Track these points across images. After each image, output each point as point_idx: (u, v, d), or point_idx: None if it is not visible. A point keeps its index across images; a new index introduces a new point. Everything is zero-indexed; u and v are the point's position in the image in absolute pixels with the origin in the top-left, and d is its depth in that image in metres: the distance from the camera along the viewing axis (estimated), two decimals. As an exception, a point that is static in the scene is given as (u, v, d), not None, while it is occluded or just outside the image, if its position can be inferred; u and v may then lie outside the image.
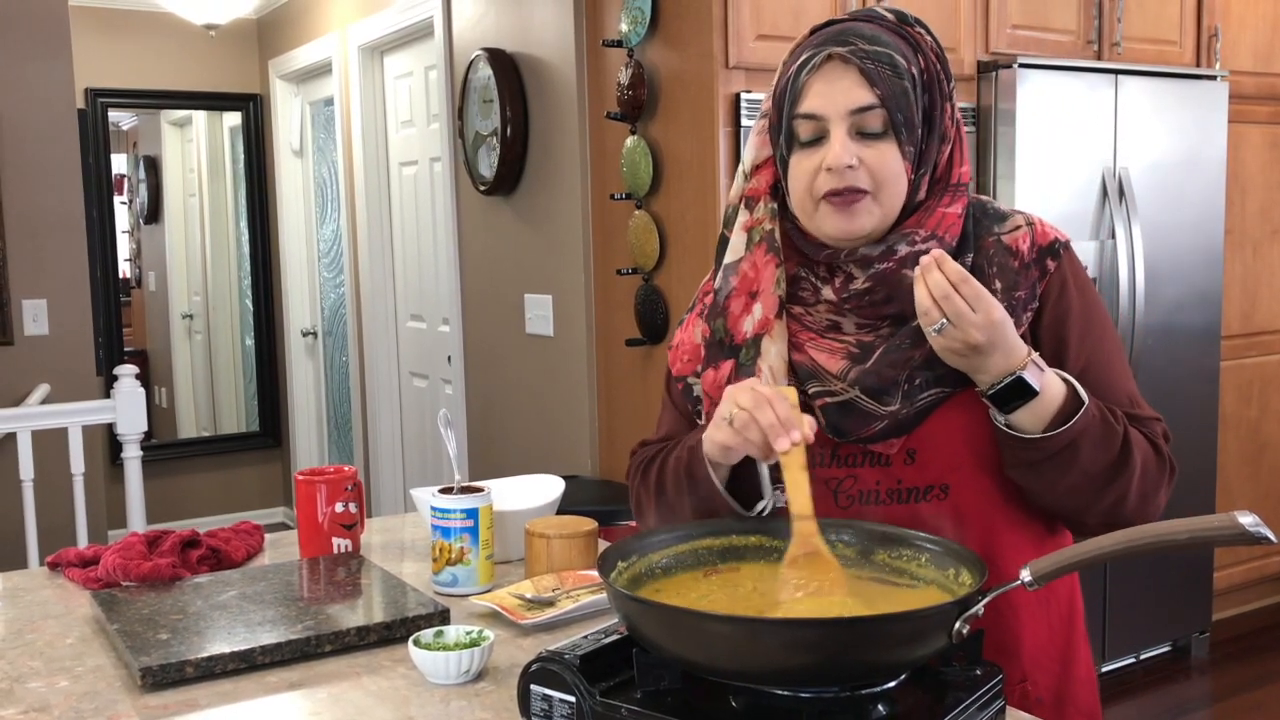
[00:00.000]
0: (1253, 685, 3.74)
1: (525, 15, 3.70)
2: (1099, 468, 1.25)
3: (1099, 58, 3.60)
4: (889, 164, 1.26)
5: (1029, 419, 1.23)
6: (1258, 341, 4.16)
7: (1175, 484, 1.34)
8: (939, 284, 1.17)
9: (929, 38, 1.30)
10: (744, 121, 2.98)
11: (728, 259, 1.38)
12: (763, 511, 1.31)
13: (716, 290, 1.38)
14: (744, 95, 2.98)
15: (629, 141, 3.25)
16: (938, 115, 1.29)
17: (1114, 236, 3.51)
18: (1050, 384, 1.22)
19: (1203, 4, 3.83)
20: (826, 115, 1.26)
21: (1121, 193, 3.53)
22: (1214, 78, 3.75)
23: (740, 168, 1.38)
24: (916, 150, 1.28)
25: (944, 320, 1.17)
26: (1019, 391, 1.21)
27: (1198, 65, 3.83)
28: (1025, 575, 1.07)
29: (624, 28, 3.21)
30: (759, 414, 1.18)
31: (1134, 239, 3.52)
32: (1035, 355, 1.21)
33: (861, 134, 1.26)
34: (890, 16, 1.30)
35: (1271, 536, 0.99)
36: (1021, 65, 3.30)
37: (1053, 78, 3.37)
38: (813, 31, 1.32)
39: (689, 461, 1.32)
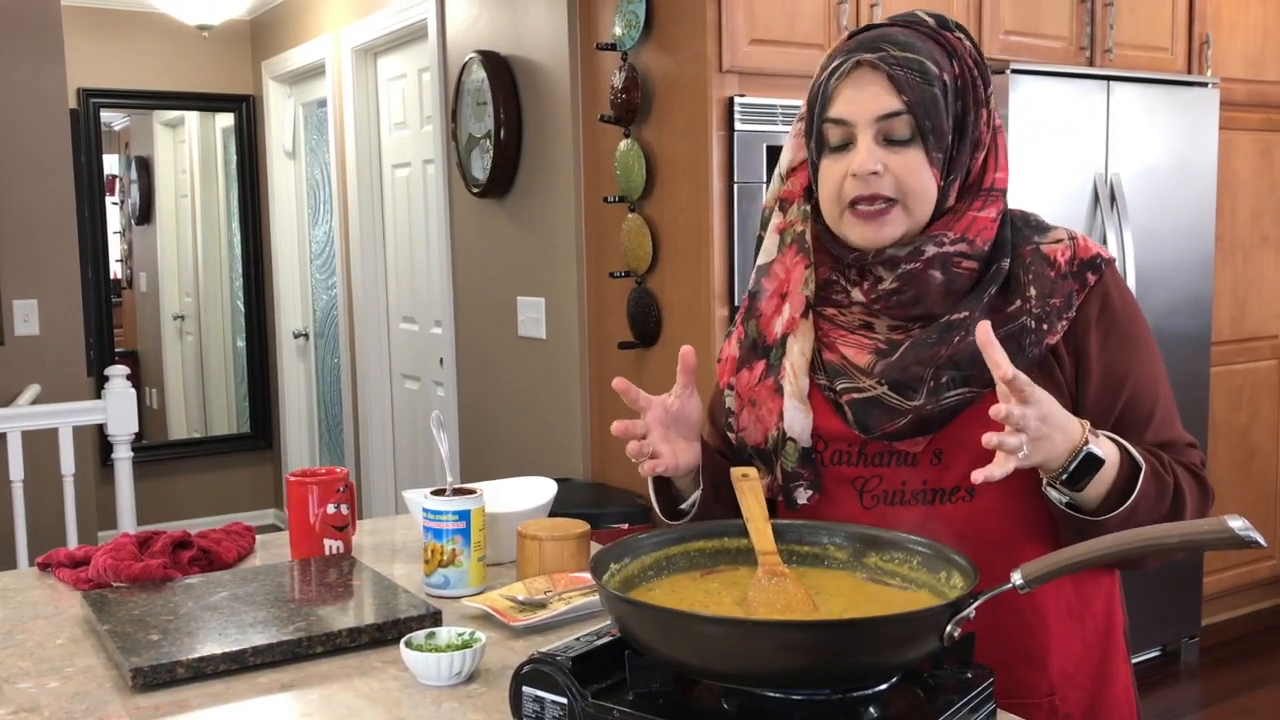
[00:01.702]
0: (1242, 690, 3.75)
1: (519, 18, 3.70)
2: (1153, 521, 1.21)
3: (1091, 64, 3.61)
4: (915, 171, 1.26)
5: (1091, 489, 1.18)
6: (1248, 348, 4.17)
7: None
8: (1022, 418, 1.10)
9: (967, 43, 1.30)
10: (738, 125, 2.99)
11: (760, 260, 1.40)
12: (686, 513, 1.39)
13: (751, 293, 1.40)
14: (737, 99, 2.99)
15: (622, 145, 3.25)
16: (970, 121, 1.28)
17: (1105, 242, 3.52)
18: (1108, 449, 1.18)
19: (1194, 11, 3.84)
20: (853, 120, 1.27)
21: (1113, 198, 3.54)
22: (1205, 84, 3.76)
23: (777, 170, 1.40)
24: (946, 157, 1.27)
25: (1025, 448, 1.11)
26: (1089, 466, 1.16)
27: (1189, 72, 3.85)
28: (1016, 578, 1.07)
29: (618, 31, 3.21)
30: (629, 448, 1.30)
31: (1125, 245, 3.54)
32: (1086, 424, 1.17)
33: (889, 140, 1.26)
34: (930, 21, 1.30)
35: (1261, 541, 0.99)
36: (1014, 71, 3.31)
37: (1045, 84, 3.38)
38: (850, 37, 1.32)
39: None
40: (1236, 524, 0.99)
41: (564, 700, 1.09)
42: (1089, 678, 1.35)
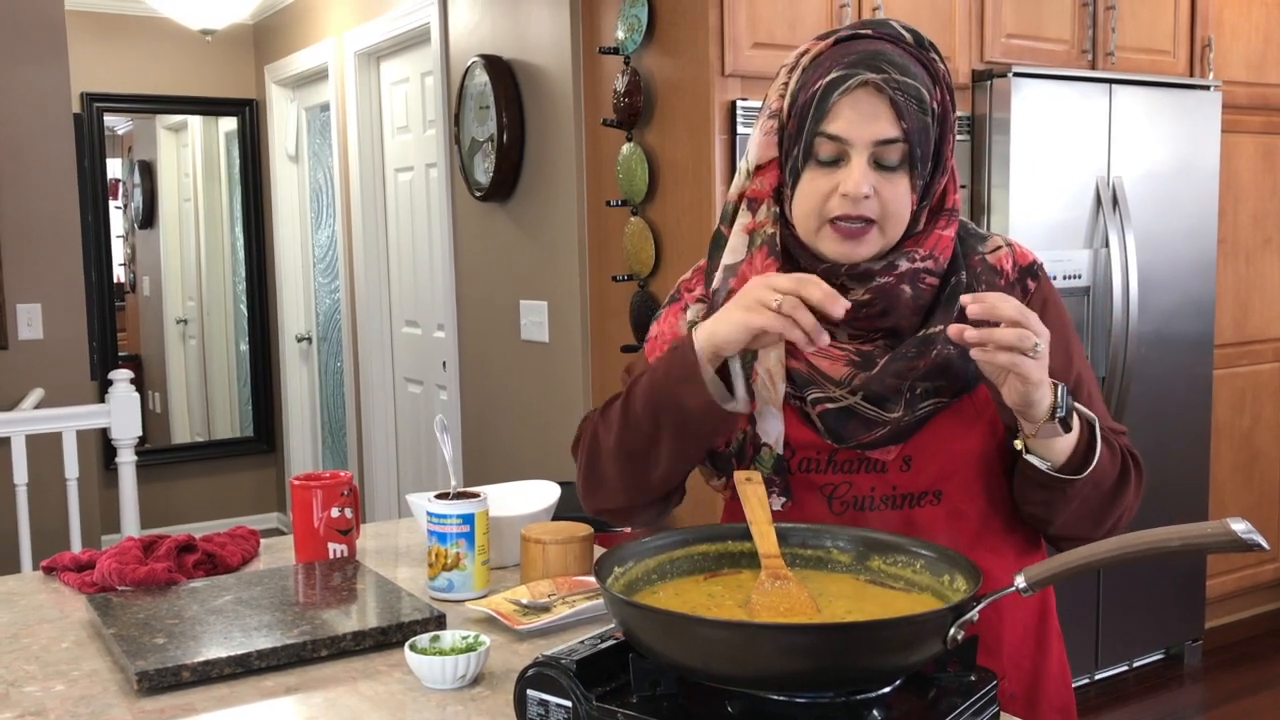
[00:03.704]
0: (1245, 693, 3.74)
1: (522, 22, 3.71)
2: (1109, 484, 1.29)
3: (1093, 67, 3.61)
4: (900, 197, 1.27)
5: (1061, 450, 1.24)
6: (1250, 350, 4.17)
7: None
8: (1013, 309, 1.15)
9: (941, 66, 1.30)
10: (740, 129, 2.99)
11: (726, 259, 1.37)
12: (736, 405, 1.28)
13: (714, 291, 1.37)
14: (740, 103, 2.99)
15: (625, 148, 3.26)
16: (945, 149, 1.30)
17: (1107, 245, 3.52)
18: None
19: (1196, 14, 3.85)
20: (852, 141, 1.25)
21: (1115, 201, 3.54)
22: (1207, 87, 3.76)
23: (742, 164, 1.37)
24: (925, 184, 1.29)
25: (1038, 340, 1.15)
26: (1071, 402, 1.22)
27: (1191, 75, 3.85)
28: (1019, 582, 1.07)
29: (620, 35, 3.22)
30: (805, 291, 1.18)
31: (1127, 248, 3.54)
32: None
33: (878, 164, 1.26)
34: (908, 37, 1.30)
35: (1264, 543, 0.99)
36: (1016, 74, 3.32)
37: (1047, 87, 3.39)
38: (837, 42, 1.30)
39: (669, 364, 1.28)
40: (1239, 527, 0.99)
41: (568, 703, 1.09)
42: (1029, 658, 1.40)
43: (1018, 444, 1.26)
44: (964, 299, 1.17)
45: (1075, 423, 1.24)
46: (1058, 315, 1.36)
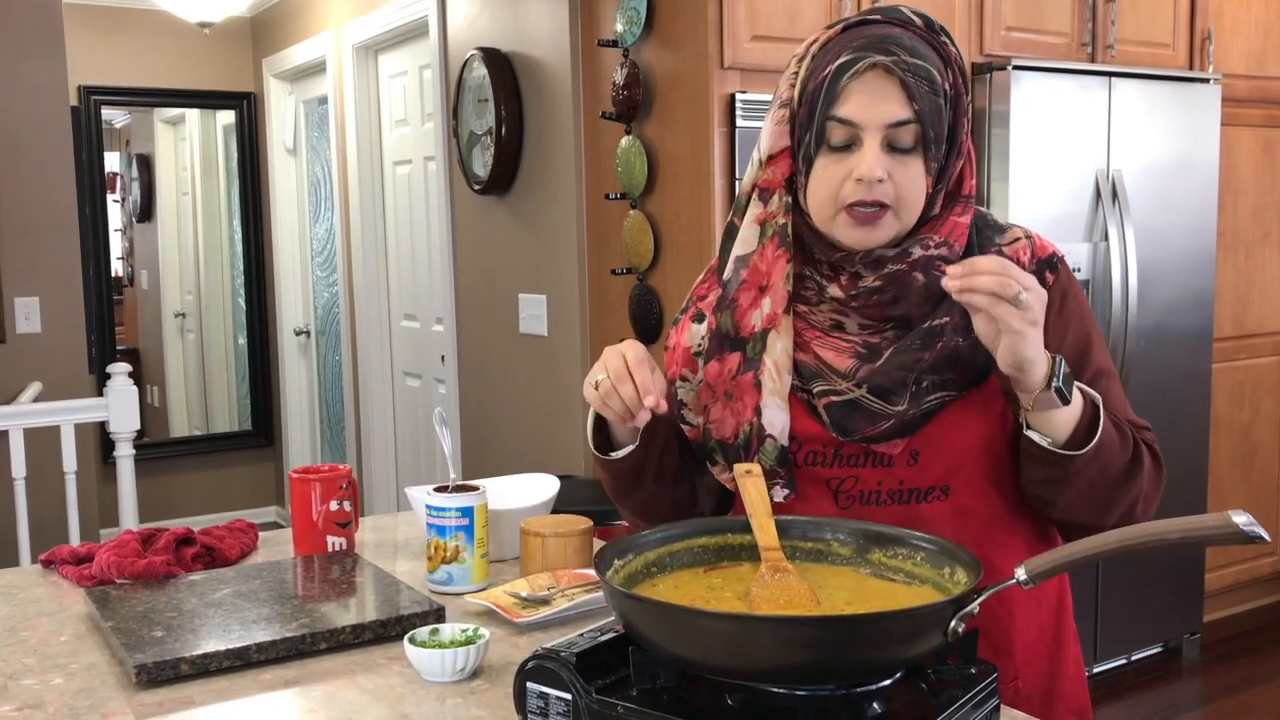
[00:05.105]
0: (1243, 686, 3.75)
1: (520, 15, 3.70)
2: (1117, 468, 1.27)
3: (1093, 60, 3.61)
4: (914, 180, 1.26)
5: (1062, 425, 1.23)
6: (1249, 344, 4.17)
7: (1166, 487, 1.36)
8: (995, 262, 1.16)
9: (953, 49, 1.29)
10: (739, 122, 2.99)
11: (738, 250, 1.36)
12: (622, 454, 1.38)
13: (725, 282, 1.37)
14: (739, 96, 2.99)
15: (624, 141, 3.25)
16: (959, 132, 1.29)
17: (1107, 238, 3.52)
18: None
19: (1196, 7, 3.84)
20: (863, 124, 1.25)
21: (1115, 195, 3.54)
22: (1207, 81, 3.76)
23: (755, 155, 1.36)
24: (940, 166, 1.28)
25: (1021, 289, 1.14)
26: (1070, 375, 1.20)
27: (1191, 68, 3.85)
28: (1020, 574, 1.07)
29: (619, 28, 3.21)
30: (620, 387, 1.27)
31: (1127, 241, 3.54)
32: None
33: (892, 147, 1.25)
34: (918, 21, 1.28)
35: (1265, 535, 0.99)
36: (1016, 67, 3.31)
37: (1047, 80, 3.38)
38: (846, 29, 1.29)
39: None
40: (1241, 519, 0.99)
41: (568, 696, 1.09)
42: (1045, 658, 1.39)
43: (1020, 419, 1.25)
44: (949, 268, 1.18)
45: (1077, 400, 1.22)
46: (1078, 308, 1.35)
